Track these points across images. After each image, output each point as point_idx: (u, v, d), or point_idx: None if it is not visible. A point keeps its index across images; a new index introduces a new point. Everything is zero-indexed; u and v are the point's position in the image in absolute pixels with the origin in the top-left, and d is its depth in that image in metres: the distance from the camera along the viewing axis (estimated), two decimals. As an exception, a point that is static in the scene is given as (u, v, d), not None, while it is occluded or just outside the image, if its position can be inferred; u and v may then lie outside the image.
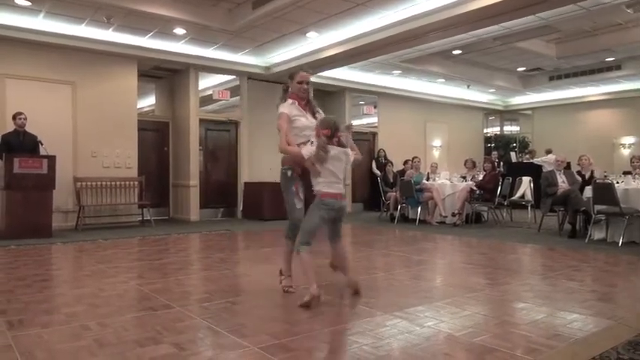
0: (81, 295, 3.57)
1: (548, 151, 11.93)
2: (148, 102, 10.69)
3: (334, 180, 3.28)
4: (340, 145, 3.30)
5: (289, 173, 3.53)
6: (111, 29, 7.80)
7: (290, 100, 3.56)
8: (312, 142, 3.32)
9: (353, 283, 3.47)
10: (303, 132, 3.48)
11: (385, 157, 11.51)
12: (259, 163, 10.45)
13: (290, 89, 3.61)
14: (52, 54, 7.93)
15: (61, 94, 8.08)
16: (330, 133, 3.23)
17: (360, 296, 3.41)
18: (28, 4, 6.77)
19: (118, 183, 8.54)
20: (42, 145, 7.03)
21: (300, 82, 3.55)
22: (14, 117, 6.99)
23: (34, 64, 7.81)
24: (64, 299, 3.54)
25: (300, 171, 3.50)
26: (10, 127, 7.08)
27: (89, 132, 8.32)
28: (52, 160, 6.95)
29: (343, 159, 3.33)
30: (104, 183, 8.39)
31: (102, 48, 8.17)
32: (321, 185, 3.27)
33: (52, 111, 7.95)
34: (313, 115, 3.59)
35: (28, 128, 7.05)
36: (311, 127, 3.45)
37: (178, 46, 8.72)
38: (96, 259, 5.20)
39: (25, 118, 7.00)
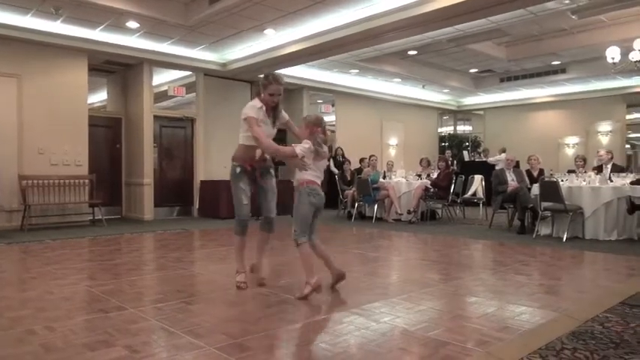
0: (26, 299, 3.41)
1: (503, 151, 12.36)
2: (99, 97, 10.31)
3: (319, 174, 3.46)
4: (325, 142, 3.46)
5: (238, 170, 3.64)
6: (59, 21, 7.46)
7: (259, 104, 3.55)
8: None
9: (340, 273, 3.58)
10: None
11: (343, 156, 11.60)
12: (215, 161, 10.30)
13: (262, 94, 3.57)
14: (-5, 45, 7.53)
15: (5, 87, 7.65)
16: (322, 130, 3.39)
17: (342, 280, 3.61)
18: (-32, -9, 6.40)
19: (66, 181, 8.19)
20: (-17, 141, 6.68)
21: (271, 95, 3.54)
22: (-48, 111, 6.61)
23: (-26, 56, 7.40)
24: (7, 303, 3.36)
25: (249, 167, 3.62)
26: (-52, 121, 6.69)
27: (36, 128, 7.93)
28: (-6, 156, 6.61)
29: (325, 156, 3.49)
30: (52, 181, 8.04)
31: (50, 40, 7.80)
32: (307, 175, 3.37)
33: (-5, 105, 7.55)
34: (274, 123, 3.64)
35: (-32, 123, 6.69)
36: (268, 135, 3.53)
37: (131, 40, 8.45)
38: (43, 260, 4.97)
39: (-35, 113, 6.64)
